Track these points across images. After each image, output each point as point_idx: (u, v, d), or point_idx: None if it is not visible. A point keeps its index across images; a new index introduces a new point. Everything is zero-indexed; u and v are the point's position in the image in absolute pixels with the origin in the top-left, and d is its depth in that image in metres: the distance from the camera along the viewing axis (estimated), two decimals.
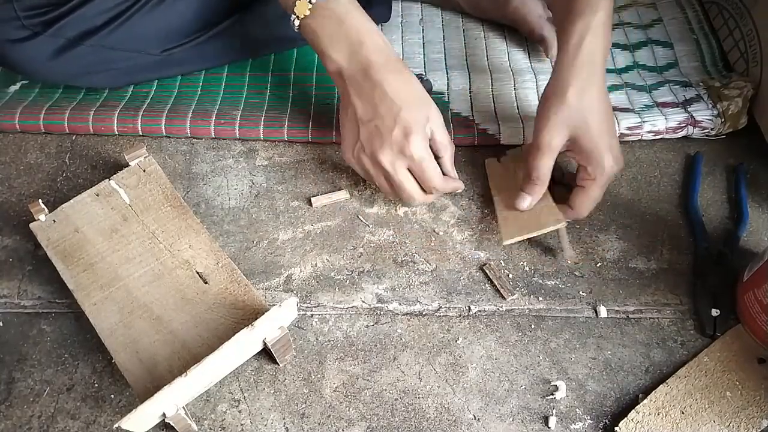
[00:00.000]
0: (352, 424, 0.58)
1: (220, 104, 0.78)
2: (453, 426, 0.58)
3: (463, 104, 0.80)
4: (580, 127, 0.63)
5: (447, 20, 0.91)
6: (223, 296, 0.60)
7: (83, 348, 0.62)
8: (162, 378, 0.55)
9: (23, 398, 0.59)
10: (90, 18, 0.72)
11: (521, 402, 0.59)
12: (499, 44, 0.88)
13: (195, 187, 0.73)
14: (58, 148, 0.76)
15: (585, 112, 0.62)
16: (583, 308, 0.65)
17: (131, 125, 0.76)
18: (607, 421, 0.58)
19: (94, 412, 0.58)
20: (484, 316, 0.64)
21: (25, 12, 0.70)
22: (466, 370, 0.61)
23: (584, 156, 0.64)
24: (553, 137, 0.63)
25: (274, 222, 0.70)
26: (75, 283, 0.61)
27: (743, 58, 0.81)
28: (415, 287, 0.66)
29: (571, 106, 0.62)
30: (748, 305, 0.61)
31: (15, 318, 0.63)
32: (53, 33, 0.71)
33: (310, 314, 0.64)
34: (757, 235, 0.70)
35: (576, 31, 0.63)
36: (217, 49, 0.80)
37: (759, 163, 0.76)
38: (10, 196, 0.72)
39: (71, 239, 0.64)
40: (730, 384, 0.59)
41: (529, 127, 0.76)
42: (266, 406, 0.59)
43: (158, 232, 0.64)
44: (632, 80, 0.83)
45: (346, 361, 0.61)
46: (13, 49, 0.72)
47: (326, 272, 0.67)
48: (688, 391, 0.58)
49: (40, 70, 0.75)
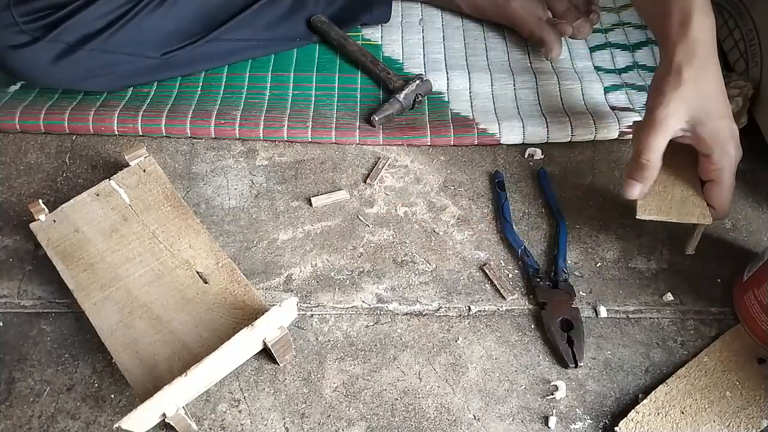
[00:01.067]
0: (352, 424, 0.58)
1: (220, 104, 0.79)
2: (453, 426, 0.58)
3: (463, 104, 0.80)
4: (701, 109, 0.58)
5: (447, 20, 0.91)
6: (223, 296, 0.60)
7: (83, 348, 0.62)
8: (162, 378, 0.55)
9: (23, 398, 0.59)
10: (89, 22, 0.72)
11: (521, 402, 0.59)
12: (499, 44, 0.88)
13: (195, 187, 0.73)
14: (58, 148, 0.76)
15: (704, 93, 0.58)
16: (583, 308, 0.65)
17: (131, 125, 0.76)
18: (607, 421, 0.58)
19: (94, 412, 0.58)
20: (484, 316, 0.64)
21: (24, 17, 0.70)
22: (466, 370, 0.61)
23: (706, 142, 0.59)
24: (670, 114, 0.58)
25: (274, 222, 0.70)
26: (75, 283, 0.61)
27: (743, 58, 0.81)
28: (415, 287, 0.66)
29: (689, 86, 0.57)
30: (747, 305, 0.61)
31: (15, 318, 0.63)
32: (53, 38, 0.71)
33: (310, 314, 0.64)
34: (757, 235, 0.70)
35: (678, 10, 0.58)
36: (217, 52, 0.81)
37: (759, 163, 0.76)
38: (10, 196, 0.72)
39: (71, 239, 0.64)
40: (730, 384, 0.59)
41: (530, 127, 0.76)
42: (266, 406, 0.59)
43: (158, 232, 0.64)
44: (632, 80, 0.83)
45: (346, 361, 0.61)
46: (12, 56, 0.72)
47: (326, 272, 0.67)
48: (688, 391, 0.58)
49: (41, 75, 0.74)
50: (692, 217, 0.61)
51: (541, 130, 0.76)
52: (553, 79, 0.82)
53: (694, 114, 0.58)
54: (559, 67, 0.85)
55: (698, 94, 0.58)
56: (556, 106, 0.79)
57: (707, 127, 0.58)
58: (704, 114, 0.58)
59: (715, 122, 0.58)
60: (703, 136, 0.59)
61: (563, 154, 0.76)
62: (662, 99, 0.58)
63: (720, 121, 0.58)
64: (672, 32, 0.59)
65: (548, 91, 0.81)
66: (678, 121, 0.58)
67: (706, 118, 0.58)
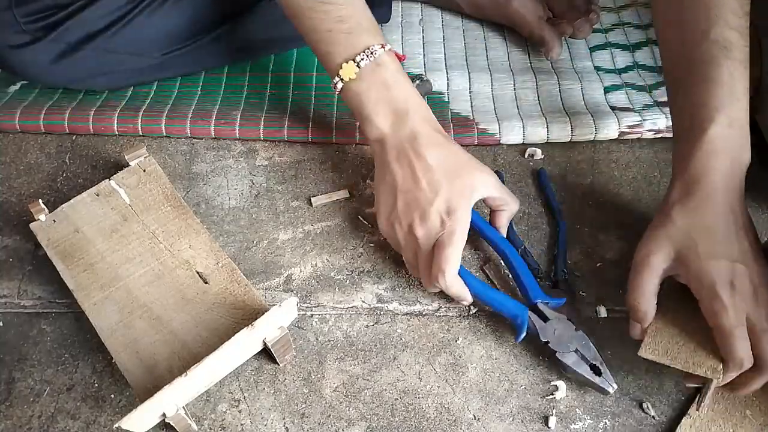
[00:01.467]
0: (352, 424, 0.58)
1: (220, 104, 0.79)
2: (453, 426, 0.58)
3: (464, 104, 0.80)
4: (689, 248, 0.53)
5: (447, 20, 0.91)
6: (223, 296, 0.60)
7: (83, 348, 0.62)
8: (162, 378, 0.55)
9: (23, 398, 0.59)
10: (90, 22, 0.72)
11: (521, 402, 0.59)
12: (499, 44, 0.88)
13: (195, 187, 0.73)
14: (58, 148, 0.76)
15: (693, 228, 0.53)
16: (583, 308, 0.65)
17: (131, 125, 0.76)
18: (607, 421, 0.58)
19: (94, 412, 0.58)
20: (484, 316, 0.64)
21: (25, 17, 0.70)
22: (466, 370, 0.61)
23: (692, 285, 0.53)
24: (652, 251, 0.54)
25: (274, 222, 0.70)
26: (75, 283, 0.61)
27: None
28: (415, 287, 0.66)
29: (677, 223, 0.54)
30: None
31: (15, 318, 0.63)
32: (54, 38, 0.71)
33: (310, 314, 0.64)
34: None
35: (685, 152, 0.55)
36: (218, 52, 0.80)
37: (759, 163, 0.76)
38: (10, 196, 0.72)
39: (71, 239, 0.64)
40: (748, 401, 0.58)
41: (530, 127, 0.76)
42: (266, 406, 0.59)
43: (158, 232, 0.64)
44: (632, 80, 0.83)
45: (346, 361, 0.61)
46: (13, 55, 0.72)
47: (326, 272, 0.67)
48: (711, 419, 0.57)
49: (41, 74, 0.75)
50: (699, 368, 0.53)
51: (541, 130, 0.76)
52: (553, 79, 0.82)
53: (682, 253, 0.53)
54: (559, 67, 0.85)
55: (686, 232, 0.53)
56: (556, 106, 0.79)
57: (691, 268, 0.53)
58: (692, 253, 0.53)
59: (702, 262, 0.52)
60: (688, 277, 0.53)
61: (563, 154, 0.76)
62: (646, 238, 0.56)
63: (708, 261, 0.52)
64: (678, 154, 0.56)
65: (548, 91, 0.81)
66: (663, 260, 0.54)
67: (694, 258, 0.52)
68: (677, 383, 0.60)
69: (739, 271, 0.52)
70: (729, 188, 0.54)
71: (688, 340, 0.54)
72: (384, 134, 0.62)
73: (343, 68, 0.61)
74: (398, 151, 0.61)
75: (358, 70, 0.61)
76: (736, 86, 0.55)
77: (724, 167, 0.54)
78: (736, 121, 0.54)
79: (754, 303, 0.52)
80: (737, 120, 0.55)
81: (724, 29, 0.55)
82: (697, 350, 0.54)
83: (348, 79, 0.61)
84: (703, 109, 0.55)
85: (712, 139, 0.54)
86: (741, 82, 0.55)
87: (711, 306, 0.52)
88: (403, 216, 0.60)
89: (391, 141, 0.61)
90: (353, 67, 0.61)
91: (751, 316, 0.51)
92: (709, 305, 0.52)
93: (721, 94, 0.54)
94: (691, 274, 0.53)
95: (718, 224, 0.53)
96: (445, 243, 0.58)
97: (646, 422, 0.58)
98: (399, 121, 0.61)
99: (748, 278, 0.52)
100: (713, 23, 0.55)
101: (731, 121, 0.54)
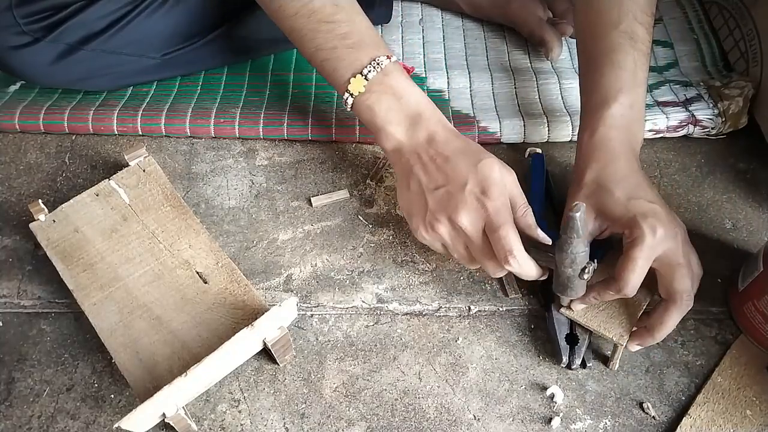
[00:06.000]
0: (352, 424, 0.58)
1: (219, 103, 0.78)
2: (453, 426, 0.58)
3: (464, 102, 0.80)
4: (602, 198, 0.57)
5: (447, 20, 0.91)
6: (223, 296, 0.60)
7: (83, 348, 0.62)
8: (162, 378, 0.55)
9: (23, 398, 0.59)
10: (90, 23, 0.72)
11: (521, 402, 0.59)
12: (499, 44, 0.88)
13: (195, 187, 0.73)
14: (58, 148, 0.76)
15: (606, 182, 0.57)
16: None
17: (131, 125, 0.76)
18: (607, 421, 0.58)
19: (94, 412, 0.58)
20: (484, 316, 0.64)
21: (25, 18, 0.70)
22: (466, 370, 0.61)
23: (616, 221, 0.56)
24: None
25: (274, 222, 0.70)
26: (75, 283, 0.61)
27: (743, 58, 0.81)
28: (415, 287, 0.66)
29: (588, 184, 0.58)
30: (748, 316, 0.61)
31: (15, 318, 0.63)
32: (53, 38, 0.71)
33: (310, 314, 0.64)
34: (756, 236, 0.70)
35: (590, 124, 0.61)
36: (218, 52, 0.80)
37: (759, 163, 0.76)
38: (10, 196, 0.72)
39: (71, 239, 0.64)
40: (748, 401, 0.58)
41: (530, 126, 0.76)
42: (266, 406, 0.59)
43: (158, 232, 0.64)
44: None
45: (346, 361, 0.61)
46: (13, 56, 0.72)
47: (326, 272, 0.67)
48: (711, 419, 0.58)
49: (41, 75, 0.75)
50: (609, 333, 0.58)
51: (541, 129, 0.76)
52: (554, 79, 0.82)
53: (602, 203, 0.57)
54: (559, 67, 0.85)
55: (601, 186, 0.58)
56: (556, 105, 0.79)
57: (616, 212, 0.56)
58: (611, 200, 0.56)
59: (623, 204, 0.56)
60: (612, 215, 0.56)
61: (563, 154, 0.76)
62: (567, 202, 0.60)
63: (629, 201, 0.56)
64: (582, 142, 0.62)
65: (549, 91, 0.81)
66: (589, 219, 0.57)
67: (614, 204, 0.56)
68: (677, 383, 0.60)
69: (657, 210, 0.55)
70: (629, 157, 0.60)
71: (606, 307, 0.60)
72: (400, 142, 0.61)
73: (352, 83, 0.61)
74: (417, 155, 0.60)
75: (366, 82, 0.60)
76: (638, 73, 0.62)
77: (624, 138, 0.60)
78: (636, 104, 0.61)
79: (673, 240, 0.55)
80: (637, 103, 0.61)
81: (633, 23, 0.63)
82: (611, 314, 0.59)
83: (357, 93, 0.61)
84: (609, 90, 0.61)
85: (614, 115, 0.60)
86: (642, 70, 0.62)
87: (635, 236, 0.54)
88: (439, 213, 0.57)
89: (408, 147, 0.60)
90: (361, 80, 0.60)
91: (668, 251, 0.55)
92: (636, 239, 0.54)
93: (624, 78, 0.61)
94: (616, 217, 0.56)
95: (627, 177, 0.58)
96: (495, 223, 0.55)
97: (646, 422, 0.58)
98: (413, 126, 0.61)
99: (665, 215, 0.56)
100: (624, 16, 0.63)
101: (632, 102, 0.61)
